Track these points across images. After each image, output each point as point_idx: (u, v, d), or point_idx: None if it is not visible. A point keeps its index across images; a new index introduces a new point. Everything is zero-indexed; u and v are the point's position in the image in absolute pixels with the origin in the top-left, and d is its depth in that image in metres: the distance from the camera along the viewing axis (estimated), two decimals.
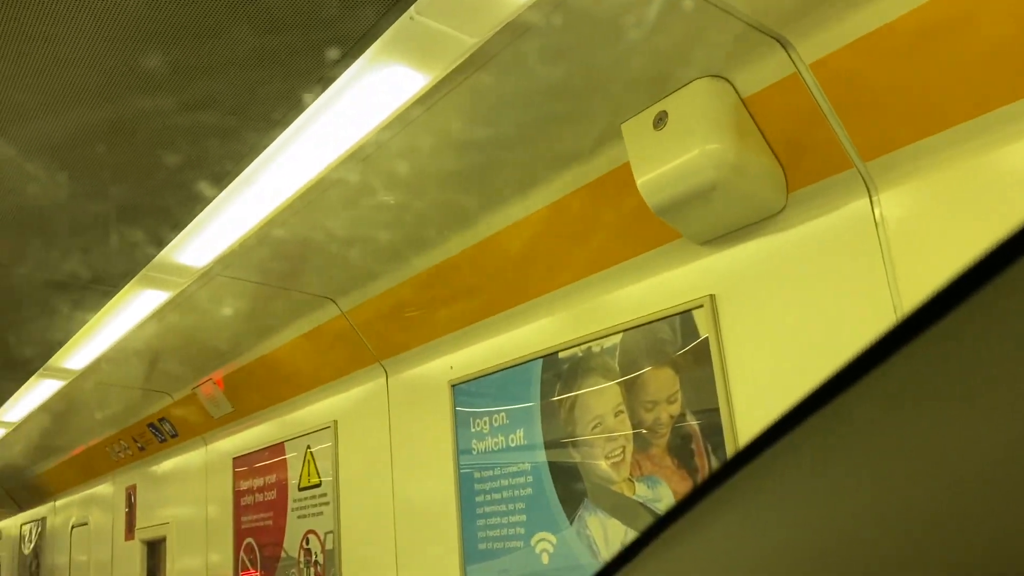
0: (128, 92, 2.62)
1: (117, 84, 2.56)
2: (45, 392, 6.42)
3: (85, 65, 2.47)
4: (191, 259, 3.83)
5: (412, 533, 4.16)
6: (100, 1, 2.22)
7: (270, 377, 5.30)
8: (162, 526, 7.02)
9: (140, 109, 2.71)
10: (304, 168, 3.05)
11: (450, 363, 4.04)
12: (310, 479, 5.03)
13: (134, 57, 2.43)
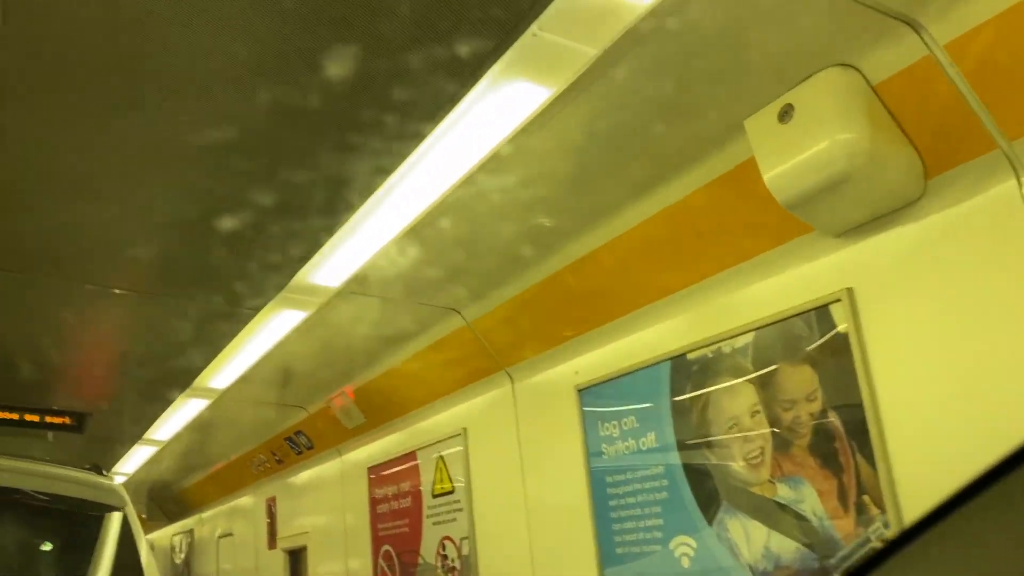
0: (268, 119, 2.77)
1: (257, 110, 2.71)
2: (191, 411, 6.82)
3: (227, 91, 2.64)
4: (326, 279, 4.01)
5: (546, 537, 4.21)
6: (242, 28, 2.36)
7: (399, 388, 5.47)
8: (302, 535, 7.33)
9: (279, 136, 2.86)
10: (432, 186, 3.15)
11: (575, 368, 4.07)
12: (443, 486, 5.16)
13: (272, 83, 2.57)
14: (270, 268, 3.89)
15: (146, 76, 2.52)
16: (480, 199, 3.31)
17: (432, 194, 3.22)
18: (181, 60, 2.44)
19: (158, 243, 3.70)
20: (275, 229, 3.51)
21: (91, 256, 3.82)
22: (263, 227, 3.49)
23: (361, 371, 5.64)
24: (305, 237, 3.58)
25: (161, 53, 2.41)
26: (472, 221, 3.51)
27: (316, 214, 3.36)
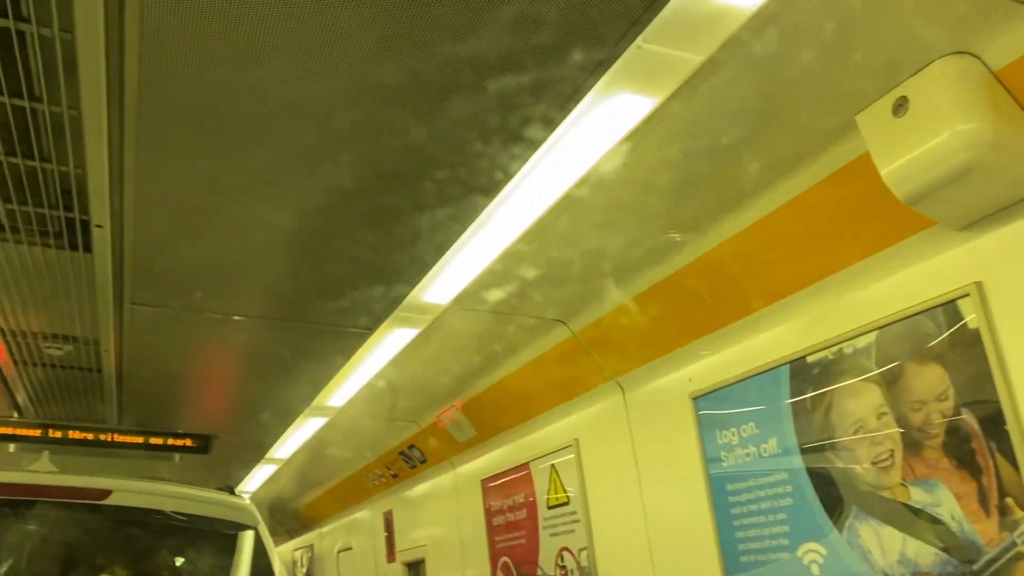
0: (380, 147, 2.88)
1: (368, 132, 2.82)
2: (310, 429, 7.07)
3: (341, 117, 2.75)
4: (436, 297, 4.11)
5: (667, 545, 4.18)
6: (343, 60, 2.46)
7: (509, 401, 5.53)
8: (420, 548, 7.48)
9: (391, 164, 2.96)
10: (537, 202, 3.20)
11: (688, 375, 4.04)
12: (557, 497, 5.18)
13: (384, 108, 2.67)
14: (383, 290, 4.02)
15: (267, 115, 2.66)
16: (585, 211, 3.34)
17: (538, 208, 3.26)
18: (297, 95, 2.57)
19: (276, 271, 3.87)
20: (388, 253, 3.62)
21: (213, 286, 4.03)
22: (377, 252, 3.61)
23: (470, 385, 5.74)
24: (416, 258, 3.68)
25: (279, 90, 2.54)
26: (577, 233, 3.53)
27: (426, 236, 3.46)
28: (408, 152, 2.86)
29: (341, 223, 3.39)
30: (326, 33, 2.30)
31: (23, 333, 4.54)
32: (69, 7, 2.18)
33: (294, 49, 2.36)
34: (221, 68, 2.45)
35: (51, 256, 3.56)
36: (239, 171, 2.99)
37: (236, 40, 2.33)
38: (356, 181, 3.07)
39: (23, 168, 2.93)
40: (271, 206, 3.24)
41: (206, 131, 2.74)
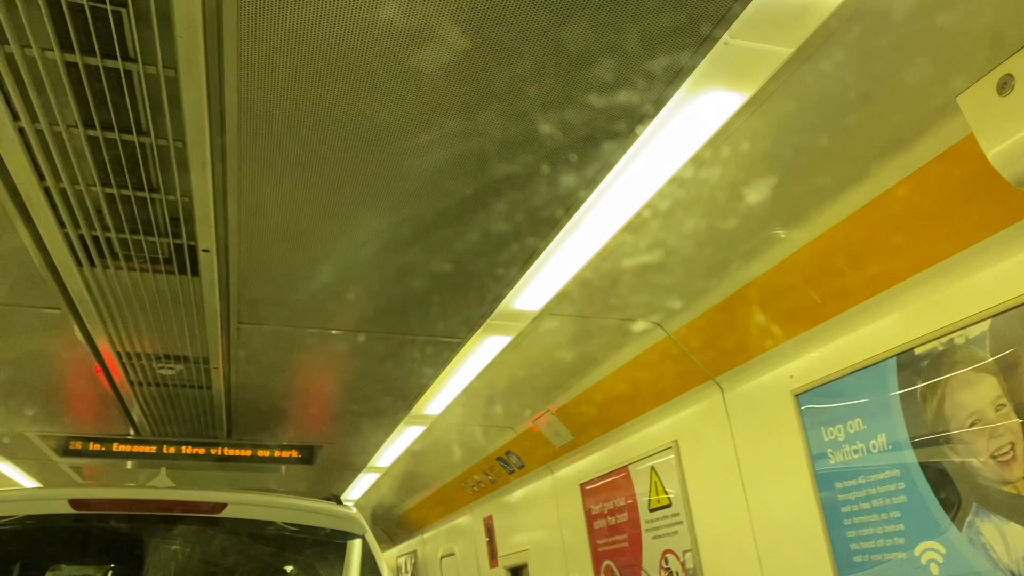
0: (470, 160, 2.92)
1: (460, 147, 2.87)
2: (409, 438, 7.21)
3: (432, 125, 2.81)
4: (527, 304, 4.14)
5: (775, 546, 4.09)
6: (436, 80, 2.51)
7: (605, 404, 5.52)
8: (522, 552, 7.52)
9: (481, 174, 3.00)
10: (628, 204, 3.19)
11: (789, 372, 3.95)
12: (659, 499, 5.14)
13: (470, 114, 2.71)
14: (475, 300, 4.08)
15: (360, 137, 2.73)
16: (676, 211, 3.31)
17: (629, 210, 3.25)
18: (389, 116, 2.64)
19: (371, 286, 3.96)
20: (479, 263, 3.67)
21: (312, 303, 4.15)
22: (468, 263, 3.66)
23: (565, 389, 5.74)
24: (507, 267, 3.71)
25: (371, 113, 2.61)
26: (668, 232, 3.50)
27: (517, 244, 3.49)
28: (500, 162, 2.90)
29: (433, 237, 3.45)
30: (418, 57, 2.35)
31: (137, 355, 4.77)
32: (171, 46, 2.29)
33: (385, 74, 2.42)
34: (314, 95, 2.54)
35: (162, 281, 3.73)
36: (335, 191, 3.09)
37: (327, 68, 2.41)
38: (448, 196, 3.12)
39: (134, 199, 3.08)
40: (366, 223, 3.33)
41: (302, 155, 2.84)
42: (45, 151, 2.77)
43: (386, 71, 2.43)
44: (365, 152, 2.84)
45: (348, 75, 2.45)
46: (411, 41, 2.31)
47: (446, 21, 2.23)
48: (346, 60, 2.38)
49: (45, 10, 2.18)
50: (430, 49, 2.34)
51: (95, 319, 4.15)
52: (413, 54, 2.36)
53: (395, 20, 2.23)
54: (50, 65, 2.39)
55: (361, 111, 2.61)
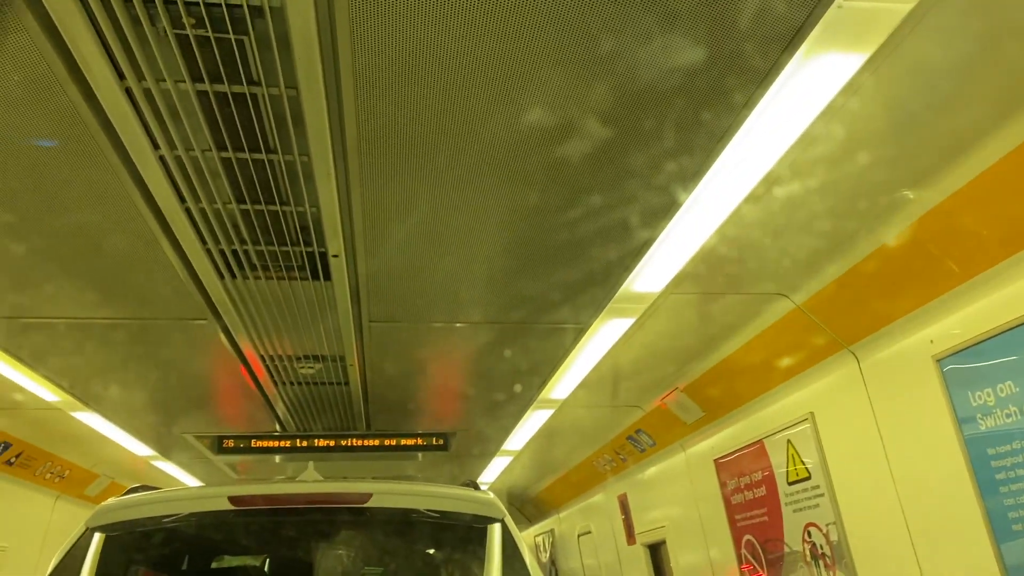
0: (583, 143, 2.94)
1: (573, 134, 2.89)
2: (538, 422, 7.31)
3: (543, 123, 2.84)
4: (648, 286, 4.12)
5: (924, 516, 3.94)
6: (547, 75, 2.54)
7: (734, 379, 5.43)
8: (659, 529, 7.51)
9: (598, 157, 3.01)
10: (746, 176, 3.12)
11: (929, 337, 3.78)
12: (797, 471, 5.03)
13: (584, 92, 2.73)
14: (597, 286, 4.09)
15: (473, 139, 2.80)
16: (796, 180, 3.22)
17: (748, 183, 3.18)
18: (501, 116, 2.69)
19: (492, 279, 4.04)
20: (597, 249, 3.68)
21: (437, 299, 4.27)
22: (587, 249, 3.69)
23: (692, 366, 5.69)
24: (626, 250, 3.71)
25: (484, 115, 2.67)
26: (789, 202, 3.41)
27: (635, 227, 3.48)
28: (618, 144, 2.90)
29: (553, 226, 3.49)
30: (527, 58, 2.39)
31: (279, 357, 5.04)
32: (291, 67, 2.40)
33: (494, 75, 2.47)
34: (428, 102, 2.62)
35: (297, 287, 3.93)
36: (452, 192, 3.18)
37: (437, 74, 2.48)
38: (566, 184, 3.15)
39: (267, 212, 3.26)
40: (483, 220, 3.41)
41: (419, 159, 2.94)
42: (184, 175, 2.96)
43: (495, 64, 2.48)
44: (480, 155, 2.91)
45: (457, 78, 2.51)
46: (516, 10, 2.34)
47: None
48: (454, 64, 2.44)
49: (175, 45, 2.33)
50: (534, 18, 2.36)
51: (239, 326, 4.41)
52: (518, 30, 2.39)
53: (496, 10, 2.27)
54: (183, 95, 2.55)
55: (474, 109, 2.67)
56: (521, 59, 2.44)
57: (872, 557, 4.38)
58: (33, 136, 2.78)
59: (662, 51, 2.44)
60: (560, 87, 2.58)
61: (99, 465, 8.41)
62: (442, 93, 2.59)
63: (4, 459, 6.91)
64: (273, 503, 2.99)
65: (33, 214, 3.27)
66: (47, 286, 3.94)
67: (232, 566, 3.76)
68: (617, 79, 2.55)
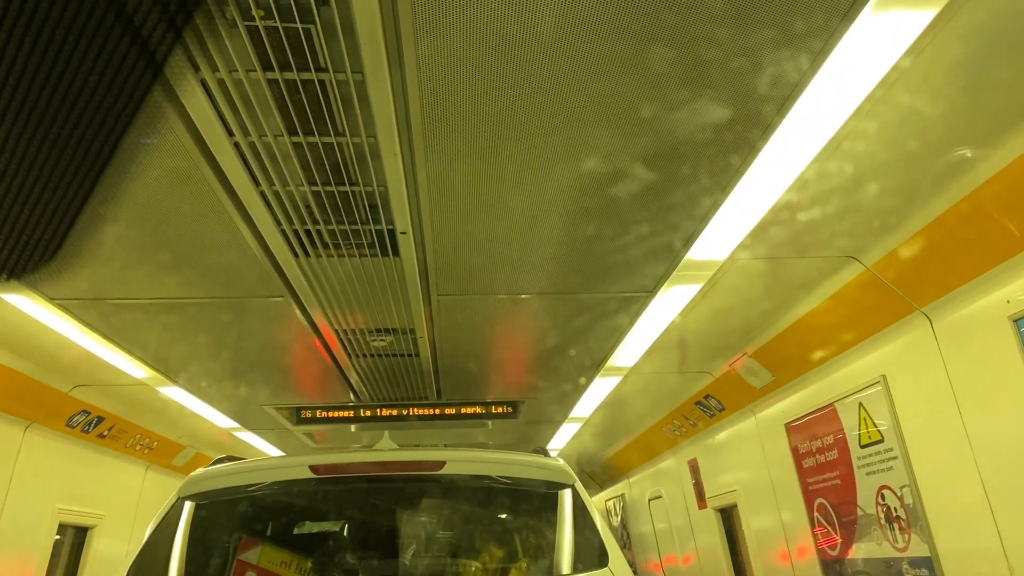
0: (640, 110, 2.96)
1: (630, 102, 2.91)
2: (605, 389, 7.36)
3: (603, 91, 2.87)
4: (715, 253, 4.11)
5: (1001, 476, 3.88)
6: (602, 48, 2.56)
7: (804, 343, 5.39)
8: (730, 493, 7.52)
9: (658, 122, 3.03)
10: (811, 139, 3.09)
11: (1005, 297, 3.70)
12: (870, 434, 4.98)
13: (645, 57, 2.75)
14: (660, 254, 4.11)
15: (532, 116, 2.84)
16: (862, 141, 3.17)
17: (813, 147, 3.15)
18: (555, 93, 2.72)
19: (555, 250, 4.08)
20: (660, 216, 3.69)
21: (501, 271, 4.34)
22: (650, 217, 3.70)
23: (761, 331, 5.65)
24: (690, 217, 3.71)
25: (540, 92, 2.71)
26: (857, 164, 3.36)
27: (698, 193, 3.48)
28: (680, 112, 2.90)
29: (614, 196, 3.51)
30: (582, 31, 2.42)
31: (352, 331, 5.19)
32: (357, 52, 2.48)
33: (554, 52, 2.51)
34: (489, 82, 2.67)
35: (367, 263, 4.04)
36: (513, 168, 3.23)
37: (498, 56, 2.53)
38: (627, 154, 3.17)
39: (337, 193, 3.37)
40: (545, 194, 3.46)
41: (481, 137, 3.00)
42: (257, 160, 3.08)
43: (554, 41, 2.51)
44: (540, 131, 2.95)
45: (517, 57, 2.55)
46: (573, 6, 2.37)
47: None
48: (514, 44, 2.48)
49: (246, 36, 2.43)
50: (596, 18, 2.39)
51: (313, 302, 4.57)
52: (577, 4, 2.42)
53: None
54: (255, 84, 2.66)
55: (534, 86, 2.71)
56: (581, 33, 2.47)
57: (948, 519, 4.34)
58: None
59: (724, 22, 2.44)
60: (620, 55, 2.59)
61: (185, 437, 8.80)
62: (502, 72, 2.64)
63: (97, 432, 7.30)
64: (351, 471, 3.11)
65: (122, 202, 3.44)
66: (134, 270, 4.15)
67: (313, 531, 3.93)
68: (680, 37, 2.56)
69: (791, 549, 6.27)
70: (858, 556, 5.23)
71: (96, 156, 3.08)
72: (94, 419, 7.07)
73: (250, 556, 2.80)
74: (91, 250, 3.89)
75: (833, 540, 5.55)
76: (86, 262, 4.03)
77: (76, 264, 4.06)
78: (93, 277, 4.22)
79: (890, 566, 4.85)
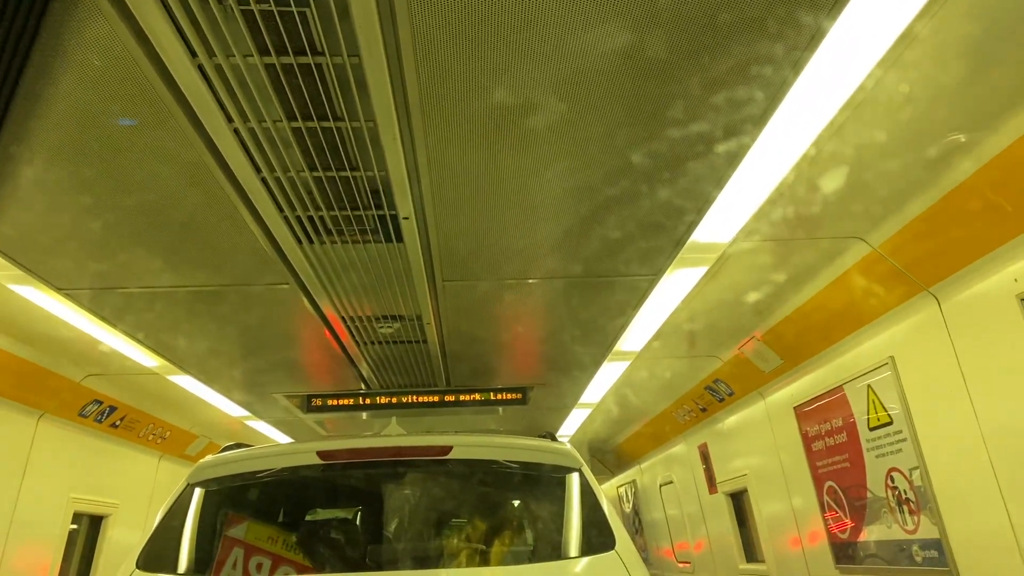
0: (640, 88, 2.94)
1: (631, 78, 2.89)
2: (614, 374, 7.35)
3: (599, 73, 2.85)
4: (719, 235, 4.09)
5: (1010, 458, 3.85)
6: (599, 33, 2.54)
7: (811, 325, 5.36)
8: (740, 478, 7.51)
9: (655, 105, 3.01)
10: (813, 119, 3.06)
11: (1013, 276, 3.66)
12: (879, 417, 4.96)
13: (644, 41, 2.73)
14: (665, 237, 4.08)
15: (531, 99, 2.83)
16: (864, 120, 3.14)
17: (815, 127, 3.12)
18: (555, 73, 2.70)
19: (559, 235, 4.07)
20: (663, 200, 3.67)
21: (506, 256, 4.33)
22: (652, 200, 3.68)
23: (768, 314, 5.63)
24: (694, 199, 3.69)
25: (538, 75, 2.70)
26: (862, 143, 3.33)
27: (700, 175, 3.46)
28: (678, 96, 2.89)
29: (617, 179, 3.49)
30: (584, 13, 2.40)
31: (359, 318, 5.20)
32: (353, 36, 2.47)
33: (551, 33, 2.49)
34: (486, 64, 2.66)
35: (371, 250, 4.04)
36: (515, 151, 3.21)
37: (496, 38, 2.52)
38: (629, 136, 3.15)
39: (338, 179, 3.36)
40: (551, 175, 3.44)
41: (482, 119, 2.98)
42: (258, 146, 3.08)
43: (552, 22, 2.49)
44: (542, 107, 2.92)
45: (514, 38, 2.53)
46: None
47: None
48: (511, 25, 2.46)
49: (242, 21, 2.42)
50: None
51: (319, 289, 4.58)
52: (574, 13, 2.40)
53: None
54: (252, 69, 2.65)
55: (532, 69, 2.70)
56: (579, 14, 2.45)
57: (958, 501, 4.32)
58: (116, 116, 2.94)
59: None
60: (626, 31, 2.57)
61: (197, 426, 8.86)
62: (500, 54, 2.62)
63: (109, 422, 7.35)
64: (358, 456, 3.13)
65: (120, 191, 3.45)
66: (141, 259, 4.17)
67: (322, 517, 3.96)
68: (681, 14, 2.54)
69: (802, 533, 6.26)
70: (869, 539, 5.22)
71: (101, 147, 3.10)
72: (106, 409, 7.13)
73: (236, 532, 2.82)
74: (95, 239, 3.91)
75: (843, 524, 5.53)
76: (92, 251, 4.05)
77: (82, 254, 4.08)
78: (97, 266, 4.24)
79: (902, 549, 4.83)
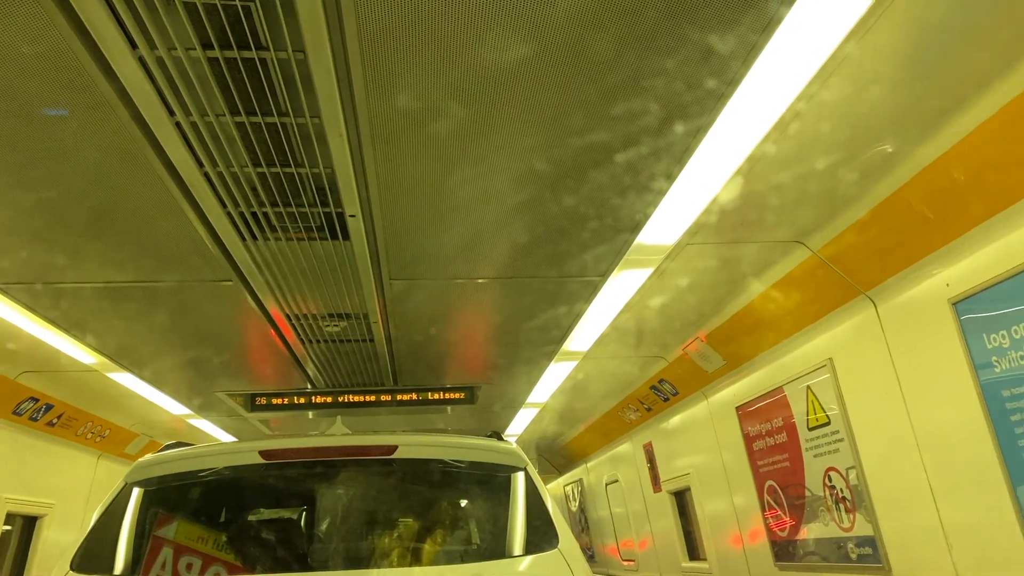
0: (582, 90, 2.96)
1: (574, 83, 2.91)
2: (561, 373, 7.40)
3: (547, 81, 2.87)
4: (664, 237, 4.14)
5: (941, 458, 3.97)
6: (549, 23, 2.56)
7: (754, 327, 5.46)
8: (684, 477, 7.62)
9: (607, 109, 3.03)
10: (754, 126, 3.12)
11: (944, 280, 3.78)
12: (817, 418, 5.08)
13: (583, 42, 2.75)
14: (611, 239, 4.12)
15: (480, 100, 2.83)
16: (805, 127, 3.21)
17: (757, 132, 3.18)
18: (503, 74, 2.71)
19: (508, 236, 4.08)
20: (609, 201, 3.71)
21: (455, 255, 4.33)
22: (599, 202, 3.71)
23: (712, 316, 5.72)
24: (640, 202, 3.73)
25: (486, 75, 2.70)
26: (802, 149, 3.40)
27: (646, 179, 3.50)
28: (625, 92, 2.91)
29: (564, 180, 3.51)
30: (534, 11, 2.41)
31: (304, 316, 5.15)
32: (297, 31, 2.44)
33: (502, 31, 2.49)
34: (434, 61, 2.65)
35: (317, 247, 4.01)
36: (463, 150, 3.21)
37: (444, 34, 2.51)
38: (575, 138, 3.17)
39: (283, 175, 3.32)
40: (497, 174, 3.44)
41: (429, 116, 2.97)
42: (200, 140, 3.03)
43: (502, 19, 2.50)
44: (491, 105, 2.93)
45: (463, 34, 2.53)
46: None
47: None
48: (459, 20, 2.46)
49: (184, 14, 2.38)
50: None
51: (263, 287, 4.52)
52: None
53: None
54: (194, 62, 2.61)
55: (482, 66, 2.70)
56: (528, 12, 2.46)
57: (891, 500, 4.44)
58: (50, 107, 2.86)
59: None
60: (569, 37, 2.59)
61: (138, 425, 8.68)
62: (448, 51, 2.61)
63: (46, 420, 7.16)
64: (301, 456, 3.09)
65: (59, 184, 3.36)
66: (78, 253, 4.06)
67: (266, 517, 3.91)
68: (626, 20, 2.57)
69: (743, 531, 6.37)
70: (807, 537, 5.33)
71: (28, 137, 3.02)
72: (43, 407, 6.94)
73: (166, 532, 2.77)
74: (32, 233, 3.81)
75: (783, 522, 5.65)
76: (26, 245, 3.94)
77: (16, 248, 3.96)
78: (33, 260, 4.13)
79: (839, 547, 4.95)
